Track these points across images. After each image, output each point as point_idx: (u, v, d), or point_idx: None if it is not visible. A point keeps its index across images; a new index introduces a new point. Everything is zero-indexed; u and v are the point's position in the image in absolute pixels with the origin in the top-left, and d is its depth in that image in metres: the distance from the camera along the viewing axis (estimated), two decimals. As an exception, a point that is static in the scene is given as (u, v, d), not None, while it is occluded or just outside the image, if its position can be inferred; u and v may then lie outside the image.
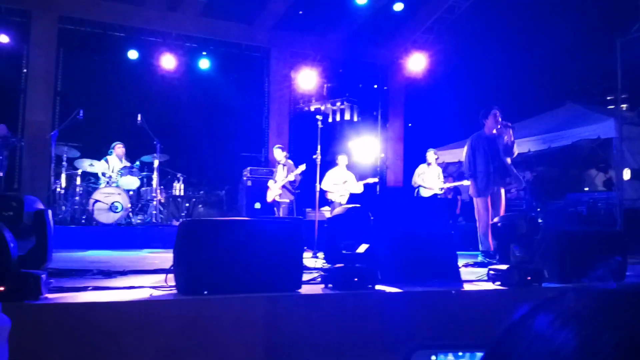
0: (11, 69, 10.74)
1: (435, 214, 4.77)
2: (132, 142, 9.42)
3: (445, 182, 9.47)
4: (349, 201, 8.91)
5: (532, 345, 0.41)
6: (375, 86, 14.00)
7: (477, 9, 12.34)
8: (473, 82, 14.25)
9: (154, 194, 8.87)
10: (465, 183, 7.46)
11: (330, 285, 3.43)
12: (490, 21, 13.54)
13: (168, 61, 11.35)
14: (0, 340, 1.38)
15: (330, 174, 9.13)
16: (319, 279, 3.65)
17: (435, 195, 8.95)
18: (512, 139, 6.01)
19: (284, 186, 9.15)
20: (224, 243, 3.16)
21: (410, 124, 14.18)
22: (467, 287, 3.80)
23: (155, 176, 8.89)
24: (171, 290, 3.13)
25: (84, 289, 3.07)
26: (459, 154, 11.02)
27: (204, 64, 12.19)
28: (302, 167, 8.97)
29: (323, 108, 13.18)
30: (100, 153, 9.21)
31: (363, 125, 13.32)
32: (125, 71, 11.46)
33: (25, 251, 2.73)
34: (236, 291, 3.04)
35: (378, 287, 3.42)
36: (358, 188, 9.13)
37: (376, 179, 9.66)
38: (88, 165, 8.63)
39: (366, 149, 12.48)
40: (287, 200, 9.18)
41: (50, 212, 2.92)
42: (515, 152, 6.07)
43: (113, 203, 8.10)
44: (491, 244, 5.61)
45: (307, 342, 3.02)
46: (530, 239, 3.77)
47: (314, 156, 7.15)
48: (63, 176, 8.57)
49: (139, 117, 8.85)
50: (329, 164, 9.12)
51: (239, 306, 2.97)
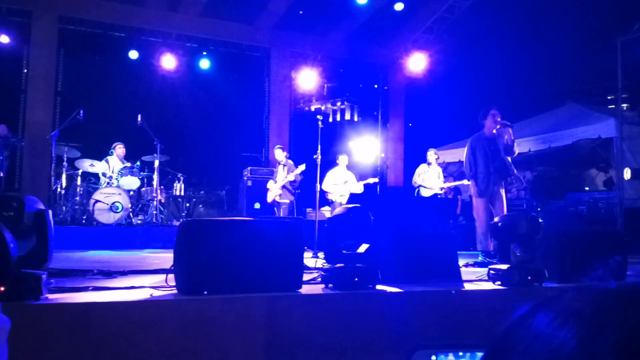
0: (12, 69, 10.75)
1: (435, 214, 4.77)
2: (133, 142, 9.42)
3: (445, 182, 9.46)
4: (349, 201, 8.91)
5: (532, 344, 0.41)
6: (376, 86, 14.00)
7: (478, 9, 12.34)
8: (473, 82, 14.24)
9: (154, 194, 8.88)
10: (466, 182, 7.46)
11: (330, 285, 3.43)
12: (491, 21, 13.54)
13: (168, 61, 11.36)
14: (0, 341, 1.38)
15: (330, 174, 9.13)
16: (320, 279, 3.65)
17: (435, 195, 8.94)
18: (512, 138, 6.01)
19: (284, 186, 9.15)
20: (225, 243, 3.16)
21: (410, 124, 14.18)
22: (468, 287, 3.80)
23: (155, 176, 8.89)
24: (171, 290, 3.13)
25: (85, 289, 3.07)
26: (459, 153, 11.02)
27: (204, 64, 12.20)
28: (302, 167, 8.98)
29: (323, 108, 13.18)
30: (100, 153, 9.21)
31: (363, 125, 13.32)
32: (126, 71, 11.46)
33: (26, 251, 2.73)
34: (236, 291, 3.04)
35: (378, 287, 3.42)
36: (358, 188, 9.13)
37: (376, 179, 9.65)
38: (88, 165, 8.63)
39: (366, 149, 12.48)
40: (287, 201, 9.18)
41: (50, 212, 2.92)
42: (515, 152, 6.08)
43: (113, 203, 8.10)
44: (490, 244, 5.61)
45: (308, 342, 3.02)
46: (530, 239, 3.77)
47: (315, 156, 7.15)
48: (63, 176, 8.57)
49: (139, 117, 8.85)
50: (329, 164, 9.12)
51: (239, 306, 2.97)
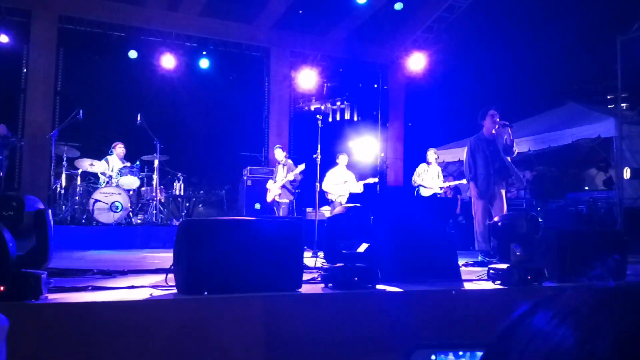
0: (11, 68, 10.74)
1: (435, 213, 4.77)
2: (132, 142, 9.41)
3: (445, 182, 9.46)
4: (348, 201, 8.91)
5: (531, 342, 0.41)
6: (375, 86, 14.00)
7: (477, 8, 12.34)
8: (473, 81, 14.25)
9: (154, 194, 8.87)
10: (465, 182, 7.46)
11: (330, 284, 3.43)
12: (491, 20, 13.54)
13: (168, 61, 11.36)
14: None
15: (330, 173, 9.13)
16: (319, 279, 3.65)
17: (435, 195, 8.95)
18: (511, 138, 6.00)
19: (283, 186, 9.15)
20: (224, 243, 3.15)
21: (410, 124, 14.18)
22: (467, 286, 3.80)
23: (155, 176, 8.89)
24: (171, 290, 3.13)
25: (84, 288, 3.07)
26: (459, 153, 11.03)
27: (204, 63, 12.20)
28: (302, 167, 8.99)
29: (323, 107, 13.19)
30: (100, 153, 9.21)
31: (363, 124, 13.32)
32: (125, 71, 11.46)
33: (26, 251, 2.73)
34: (236, 291, 3.04)
35: (378, 287, 3.42)
36: (358, 188, 9.13)
37: (376, 179, 9.65)
38: (88, 165, 8.63)
39: (366, 148, 12.47)
40: (287, 200, 9.18)
41: (50, 212, 2.92)
42: (515, 152, 6.07)
43: (113, 203, 8.10)
44: (490, 245, 5.61)
45: (307, 342, 3.02)
46: (530, 238, 3.77)
47: (314, 156, 7.15)
48: (63, 176, 8.57)
49: (138, 117, 8.85)
50: (329, 163, 9.12)
51: (239, 306, 2.97)
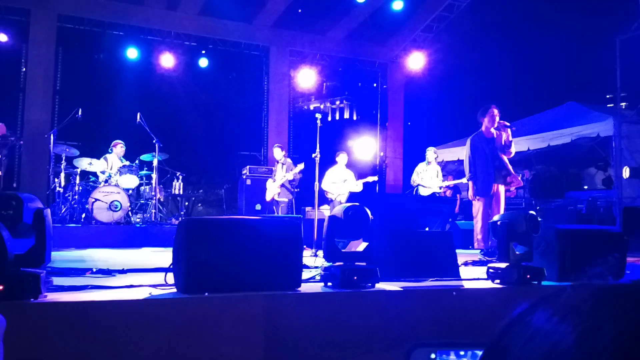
0: (10, 67, 10.74)
1: (434, 212, 4.77)
2: (131, 141, 9.40)
3: (444, 181, 9.46)
4: (348, 200, 8.91)
5: (531, 340, 0.41)
6: (375, 85, 14.00)
7: (477, 8, 12.34)
8: (472, 81, 14.26)
9: (153, 193, 8.86)
10: (464, 181, 7.46)
11: (329, 283, 3.43)
12: (490, 20, 13.54)
13: (167, 60, 11.35)
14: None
15: (329, 172, 9.12)
16: (319, 278, 3.65)
17: (434, 194, 8.95)
18: (510, 138, 6.00)
19: (282, 185, 9.15)
20: (224, 242, 3.15)
21: (409, 123, 14.18)
22: (467, 285, 3.80)
23: (154, 175, 8.88)
24: (171, 289, 3.13)
25: (83, 287, 3.07)
26: (458, 152, 11.04)
27: (203, 62, 12.19)
28: (301, 166, 8.99)
29: (322, 107, 13.17)
30: (99, 152, 9.20)
31: (362, 124, 13.32)
32: (125, 70, 11.45)
33: (25, 250, 2.73)
34: (236, 290, 3.04)
35: (378, 286, 3.42)
36: (357, 187, 9.13)
37: (375, 178, 9.65)
38: (87, 164, 8.62)
39: (365, 147, 12.47)
40: (286, 199, 9.18)
41: (49, 211, 2.91)
42: (512, 152, 6.06)
43: (112, 202, 8.09)
44: (489, 244, 5.61)
45: (307, 341, 3.02)
46: (529, 237, 3.77)
47: (314, 155, 7.15)
48: (62, 175, 8.55)
49: (138, 116, 8.83)
50: (328, 162, 9.11)
51: (238, 305, 2.97)
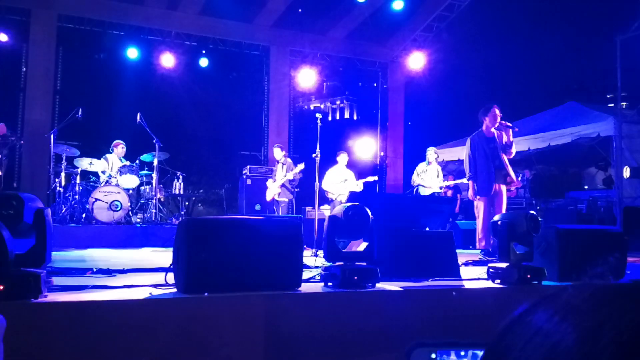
0: (11, 67, 10.75)
1: (435, 212, 4.77)
2: (132, 141, 9.41)
3: (445, 181, 9.47)
4: (348, 200, 8.91)
5: (532, 340, 0.41)
6: (375, 84, 14.00)
7: (477, 8, 12.34)
8: (473, 80, 14.25)
9: (153, 193, 8.86)
10: (465, 181, 7.45)
11: (330, 283, 3.43)
12: (490, 19, 13.54)
13: (167, 60, 11.35)
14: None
15: (330, 172, 9.13)
16: (319, 278, 3.65)
17: (434, 194, 8.95)
18: (511, 139, 5.99)
19: (283, 185, 9.15)
20: (224, 242, 3.15)
21: (410, 123, 14.19)
22: (467, 285, 3.80)
23: (154, 175, 8.88)
24: (171, 288, 3.13)
25: (84, 287, 3.07)
26: (459, 152, 11.03)
27: (204, 62, 12.19)
28: (301, 166, 8.99)
29: (323, 106, 13.17)
30: (99, 152, 9.20)
31: (363, 123, 13.32)
32: (125, 70, 11.45)
33: (25, 250, 2.73)
34: (236, 290, 3.03)
35: (378, 286, 3.42)
36: (358, 186, 9.13)
37: (376, 178, 9.65)
38: (87, 163, 8.62)
39: (366, 147, 12.48)
40: (286, 199, 9.19)
41: (49, 211, 2.91)
42: (512, 153, 6.05)
43: (113, 202, 8.09)
44: (490, 243, 5.61)
45: (307, 341, 3.02)
46: (530, 237, 3.77)
47: (314, 155, 7.15)
48: (62, 175, 8.55)
49: (138, 116, 8.83)
50: (328, 162, 9.11)
51: (238, 305, 2.97)
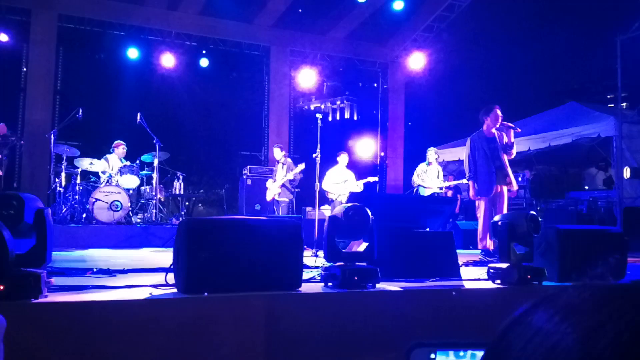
0: (11, 67, 10.75)
1: (435, 212, 4.77)
2: (132, 141, 9.40)
3: (445, 181, 9.47)
4: (349, 200, 8.91)
5: (532, 340, 0.41)
6: (375, 85, 14.00)
7: (477, 8, 12.34)
8: (473, 81, 14.26)
9: (153, 193, 8.86)
10: (465, 182, 7.45)
11: (330, 284, 3.43)
12: (491, 19, 13.54)
13: (168, 60, 11.35)
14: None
15: (330, 173, 9.13)
16: (319, 278, 3.65)
17: (434, 194, 8.96)
18: (512, 140, 5.97)
19: (283, 185, 9.16)
20: (224, 242, 3.15)
21: (410, 123, 14.19)
22: (467, 286, 3.80)
23: (155, 175, 8.88)
24: (171, 289, 3.13)
25: (84, 287, 3.07)
26: (459, 152, 11.03)
27: (204, 62, 12.20)
28: (301, 167, 8.99)
29: (323, 107, 13.17)
30: (99, 152, 9.20)
31: (363, 124, 13.32)
32: (125, 70, 11.46)
33: (25, 250, 2.73)
34: (236, 290, 3.04)
35: (378, 286, 3.42)
36: (358, 187, 9.13)
37: (376, 178, 9.65)
38: (88, 164, 8.61)
39: (366, 147, 12.48)
40: (287, 199, 9.19)
41: (49, 211, 2.91)
42: (513, 153, 6.03)
43: (113, 202, 8.09)
44: (491, 243, 5.61)
45: (307, 341, 3.02)
46: (530, 238, 3.77)
47: (314, 155, 7.15)
48: (63, 175, 8.55)
49: (138, 116, 8.83)
50: (329, 162, 9.12)
51: (238, 305, 2.97)
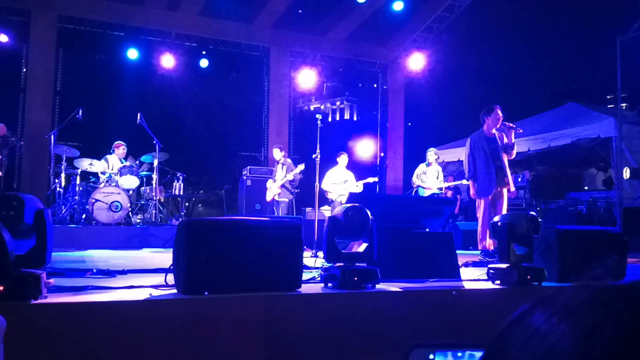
0: (11, 68, 10.76)
1: (434, 213, 4.77)
2: (132, 142, 9.40)
3: (445, 182, 9.47)
4: (348, 200, 8.90)
5: (530, 341, 0.41)
6: (375, 85, 14.00)
7: (477, 8, 12.35)
8: (473, 81, 14.26)
9: (153, 194, 8.86)
10: (465, 182, 7.44)
11: (330, 284, 3.43)
12: (491, 20, 13.54)
13: (168, 60, 11.36)
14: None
15: (330, 173, 9.13)
16: (319, 278, 3.65)
17: (434, 195, 8.96)
18: (512, 141, 5.96)
19: (283, 185, 9.16)
20: (224, 243, 3.15)
21: (410, 123, 14.19)
22: (467, 286, 3.80)
23: (154, 175, 8.88)
24: (171, 289, 3.13)
25: (84, 288, 3.07)
26: (459, 153, 11.04)
27: (204, 63, 12.20)
28: (301, 167, 8.99)
29: (323, 107, 13.18)
30: (99, 152, 9.20)
31: (363, 124, 13.32)
32: (125, 70, 11.46)
33: (25, 251, 2.73)
34: (236, 290, 3.04)
35: (378, 287, 3.42)
36: (358, 187, 9.13)
37: (376, 179, 9.65)
38: (88, 164, 8.61)
39: (366, 148, 12.48)
40: (286, 200, 9.19)
41: (49, 212, 2.91)
42: (513, 154, 6.02)
43: (113, 202, 8.09)
44: (491, 243, 5.61)
45: (307, 342, 3.02)
46: (530, 238, 3.77)
47: (314, 155, 7.15)
48: (62, 175, 8.55)
49: (138, 117, 8.83)
50: (328, 163, 9.12)
51: (238, 305, 2.97)
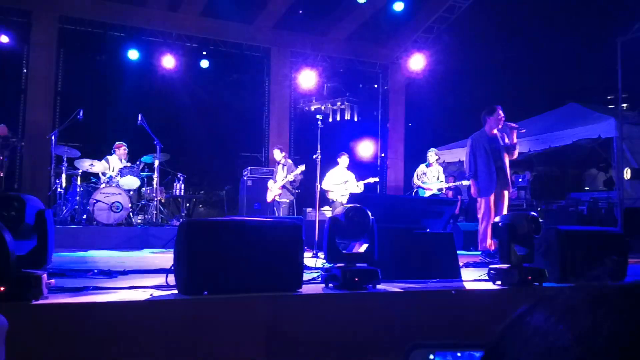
0: (12, 68, 10.76)
1: (435, 213, 4.77)
2: (133, 142, 9.41)
3: (445, 182, 9.47)
4: (348, 201, 8.91)
5: (530, 341, 0.41)
6: (376, 86, 14.01)
7: (478, 9, 12.35)
8: (474, 82, 14.27)
9: (154, 194, 8.86)
10: (465, 183, 7.44)
11: (330, 285, 3.43)
12: (491, 21, 13.54)
13: (168, 61, 11.36)
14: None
15: (330, 173, 9.13)
16: (320, 279, 3.65)
17: (434, 195, 8.96)
18: (514, 141, 5.96)
19: (283, 186, 9.16)
20: (225, 243, 3.16)
21: (410, 124, 14.19)
22: (468, 286, 3.80)
23: (155, 176, 8.88)
24: (172, 290, 3.13)
25: (85, 289, 3.07)
26: (459, 153, 11.04)
27: (204, 63, 12.21)
28: (302, 168, 8.99)
29: (323, 108, 13.20)
30: (100, 153, 9.20)
31: (363, 125, 13.34)
32: (126, 71, 11.46)
33: (26, 251, 2.73)
34: (237, 291, 3.04)
35: (379, 287, 3.42)
36: (358, 188, 9.13)
37: (376, 179, 9.66)
38: (88, 165, 8.62)
39: (366, 148, 12.48)
40: (287, 200, 9.19)
41: (50, 212, 2.92)
42: (515, 155, 6.01)
43: (113, 203, 8.09)
44: (492, 244, 5.61)
45: (308, 342, 3.02)
46: (531, 239, 3.77)
47: (314, 156, 7.15)
48: (63, 176, 8.55)
49: (139, 117, 8.83)
50: (329, 163, 9.12)
51: (239, 306, 2.97)
